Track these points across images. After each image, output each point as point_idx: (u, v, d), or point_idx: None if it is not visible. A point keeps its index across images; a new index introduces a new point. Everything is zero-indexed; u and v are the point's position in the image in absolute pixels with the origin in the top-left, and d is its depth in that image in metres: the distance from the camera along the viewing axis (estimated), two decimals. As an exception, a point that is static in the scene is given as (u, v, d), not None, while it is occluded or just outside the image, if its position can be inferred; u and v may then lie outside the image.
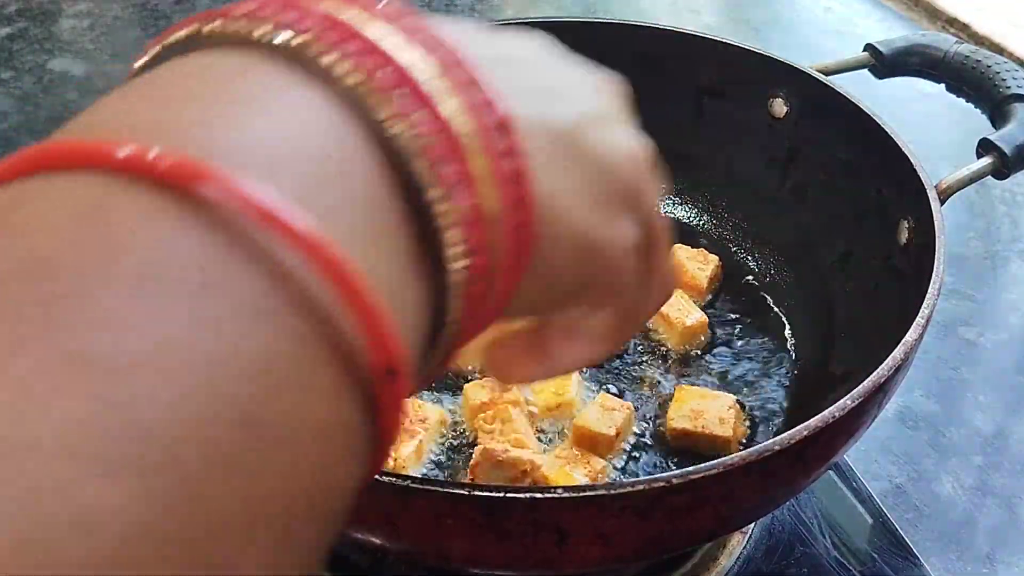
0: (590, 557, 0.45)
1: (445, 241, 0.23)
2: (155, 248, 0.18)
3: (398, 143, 0.22)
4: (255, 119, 0.21)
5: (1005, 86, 0.68)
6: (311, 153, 0.21)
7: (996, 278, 0.90)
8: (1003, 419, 0.76)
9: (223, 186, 0.19)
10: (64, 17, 1.29)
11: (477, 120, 0.24)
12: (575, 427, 0.62)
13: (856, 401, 0.45)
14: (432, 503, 0.42)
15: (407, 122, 0.22)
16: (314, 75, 0.22)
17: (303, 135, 0.21)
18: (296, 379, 0.19)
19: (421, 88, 0.23)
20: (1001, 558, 0.65)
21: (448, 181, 0.23)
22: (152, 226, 0.18)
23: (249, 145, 0.20)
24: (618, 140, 0.32)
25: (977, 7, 1.28)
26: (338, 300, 0.20)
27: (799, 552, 0.63)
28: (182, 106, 0.21)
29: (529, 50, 0.30)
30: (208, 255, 0.18)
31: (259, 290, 0.19)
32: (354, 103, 0.22)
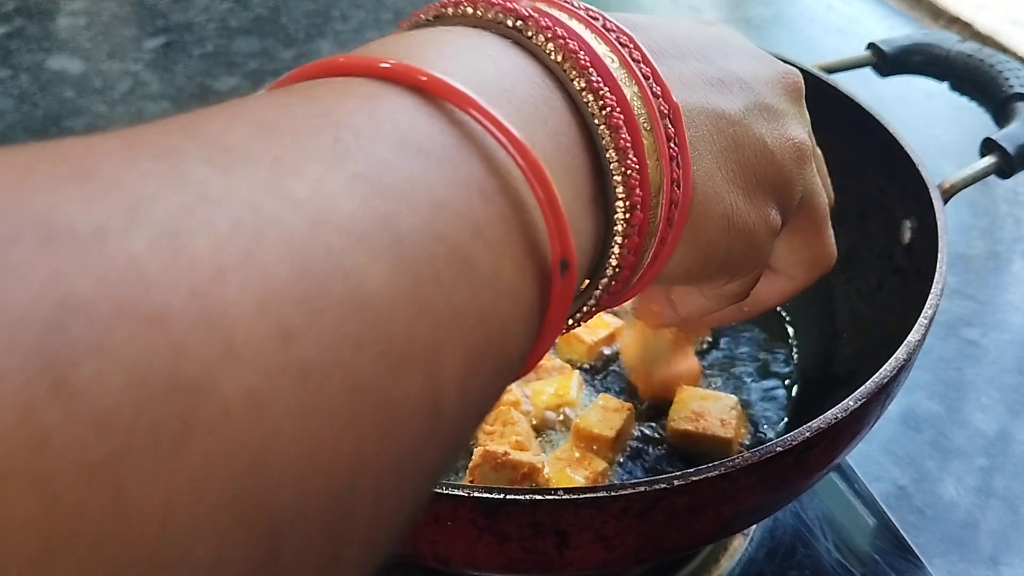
0: (590, 559, 0.45)
1: (615, 192, 0.28)
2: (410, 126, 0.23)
3: (587, 110, 0.27)
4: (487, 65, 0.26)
5: (1008, 85, 0.67)
6: (522, 95, 0.26)
7: (999, 278, 0.89)
8: (1006, 420, 0.75)
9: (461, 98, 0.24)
10: (61, 15, 1.29)
11: (651, 106, 0.29)
12: (575, 428, 0.61)
13: (859, 402, 0.45)
14: (431, 505, 0.42)
15: (597, 94, 0.28)
16: (528, 50, 0.28)
17: (516, 82, 0.27)
18: (499, 243, 0.24)
19: (611, 72, 0.28)
20: (1004, 560, 0.65)
21: (622, 146, 0.28)
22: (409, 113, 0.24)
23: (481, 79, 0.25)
24: (780, 132, 0.35)
25: (980, 5, 1.27)
26: (533, 195, 0.24)
27: (801, 554, 0.62)
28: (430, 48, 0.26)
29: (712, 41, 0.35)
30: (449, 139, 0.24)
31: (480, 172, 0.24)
32: (557, 75, 0.28)
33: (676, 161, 0.30)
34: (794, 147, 0.36)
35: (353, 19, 1.28)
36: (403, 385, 0.20)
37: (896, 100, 1.03)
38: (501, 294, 0.24)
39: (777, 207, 0.36)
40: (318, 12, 1.30)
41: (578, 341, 0.68)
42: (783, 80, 0.37)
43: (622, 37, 0.30)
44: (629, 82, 0.29)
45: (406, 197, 0.22)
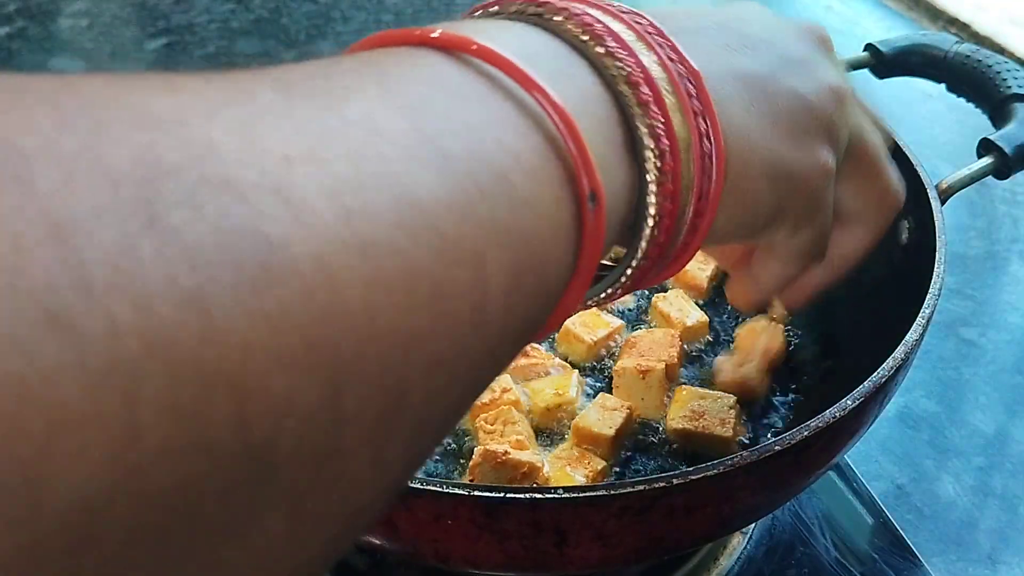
0: (590, 558, 0.45)
1: (643, 142, 0.30)
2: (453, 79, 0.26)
3: (608, 73, 0.29)
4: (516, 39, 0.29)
5: (1006, 86, 0.67)
6: (549, 61, 0.29)
7: (997, 278, 0.90)
8: (1004, 419, 0.76)
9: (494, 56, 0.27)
10: (63, 16, 1.29)
11: (668, 69, 0.31)
12: (575, 427, 0.62)
13: (857, 401, 0.45)
14: (432, 503, 0.42)
15: (615, 57, 0.30)
16: (551, 30, 0.30)
17: (543, 50, 0.29)
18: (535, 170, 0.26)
19: (627, 43, 0.30)
20: (1002, 558, 0.65)
21: (644, 100, 0.30)
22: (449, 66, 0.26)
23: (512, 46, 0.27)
24: (812, 78, 0.37)
25: (978, 6, 1.28)
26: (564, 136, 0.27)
27: (800, 552, 0.63)
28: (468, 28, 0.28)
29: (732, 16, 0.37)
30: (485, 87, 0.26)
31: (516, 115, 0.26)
32: (580, 48, 0.30)
33: (701, 116, 0.31)
34: (830, 90, 0.37)
35: (354, 20, 1.28)
36: (453, 277, 0.22)
37: (894, 101, 1.03)
38: (540, 216, 0.26)
39: (828, 147, 0.37)
40: (319, 13, 1.30)
41: (578, 341, 0.68)
42: (808, 31, 0.39)
43: (637, 18, 0.32)
44: (647, 52, 0.31)
45: (449, 124, 0.24)
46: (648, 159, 0.30)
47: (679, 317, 0.70)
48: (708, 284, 0.74)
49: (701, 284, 0.74)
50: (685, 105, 0.31)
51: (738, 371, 0.65)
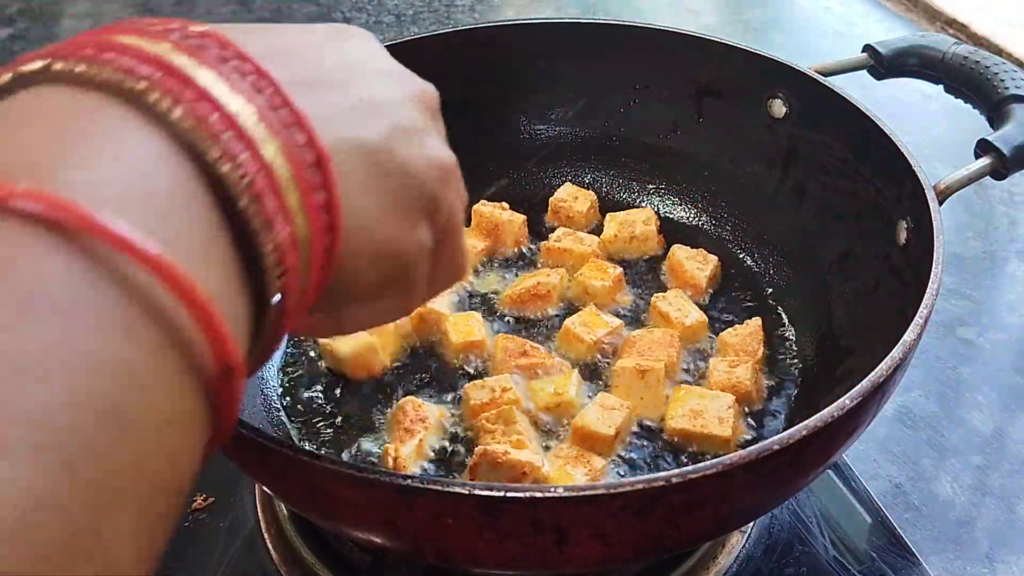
0: (590, 556, 0.45)
1: (266, 264, 0.27)
2: (27, 274, 0.21)
3: (227, 181, 0.26)
4: (106, 160, 0.24)
5: (1004, 87, 0.68)
6: (154, 189, 0.25)
7: (994, 278, 0.90)
8: (1002, 419, 0.76)
9: (82, 219, 0.22)
10: (65, 18, 1.29)
11: (294, 161, 0.28)
12: (575, 427, 0.62)
13: (855, 401, 0.46)
14: (432, 503, 0.42)
15: (234, 163, 0.26)
16: (153, 118, 0.26)
17: (146, 174, 0.25)
18: (150, 379, 0.23)
19: (246, 133, 0.27)
20: (1000, 557, 0.65)
21: (268, 214, 0.27)
22: (23, 254, 0.21)
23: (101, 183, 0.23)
24: (423, 152, 0.36)
25: (976, 7, 1.28)
26: (184, 311, 0.24)
27: (798, 551, 0.63)
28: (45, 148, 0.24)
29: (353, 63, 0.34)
30: (73, 278, 0.22)
31: (118, 305, 0.22)
32: (189, 145, 0.26)
33: (323, 208, 0.30)
34: (438, 167, 0.36)
35: (355, 21, 1.29)
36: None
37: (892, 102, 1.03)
38: (162, 429, 0.23)
39: (427, 227, 0.37)
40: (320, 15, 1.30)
41: (578, 340, 0.69)
42: (419, 98, 0.37)
43: (260, 82, 0.28)
44: (269, 139, 0.27)
45: (37, 368, 0.20)
46: (271, 283, 0.28)
47: (678, 317, 0.70)
48: (707, 284, 0.75)
49: (700, 284, 0.74)
50: (309, 203, 0.29)
51: (731, 373, 0.66)
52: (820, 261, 0.72)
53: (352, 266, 0.33)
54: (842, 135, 0.70)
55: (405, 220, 0.35)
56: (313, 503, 0.48)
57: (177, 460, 0.24)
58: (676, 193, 0.83)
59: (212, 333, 0.24)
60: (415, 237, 0.36)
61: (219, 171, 0.26)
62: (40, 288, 0.21)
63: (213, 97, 0.26)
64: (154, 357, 0.23)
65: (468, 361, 0.69)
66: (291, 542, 0.62)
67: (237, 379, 0.25)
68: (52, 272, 0.22)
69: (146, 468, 0.23)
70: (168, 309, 0.23)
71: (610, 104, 0.83)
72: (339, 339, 0.67)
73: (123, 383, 0.22)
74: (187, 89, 0.26)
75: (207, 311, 0.24)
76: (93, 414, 0.21)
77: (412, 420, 0.62)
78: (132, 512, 0.22)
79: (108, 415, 0.21)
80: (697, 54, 0.78)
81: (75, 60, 0.26)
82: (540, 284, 0.73)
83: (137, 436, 0.22)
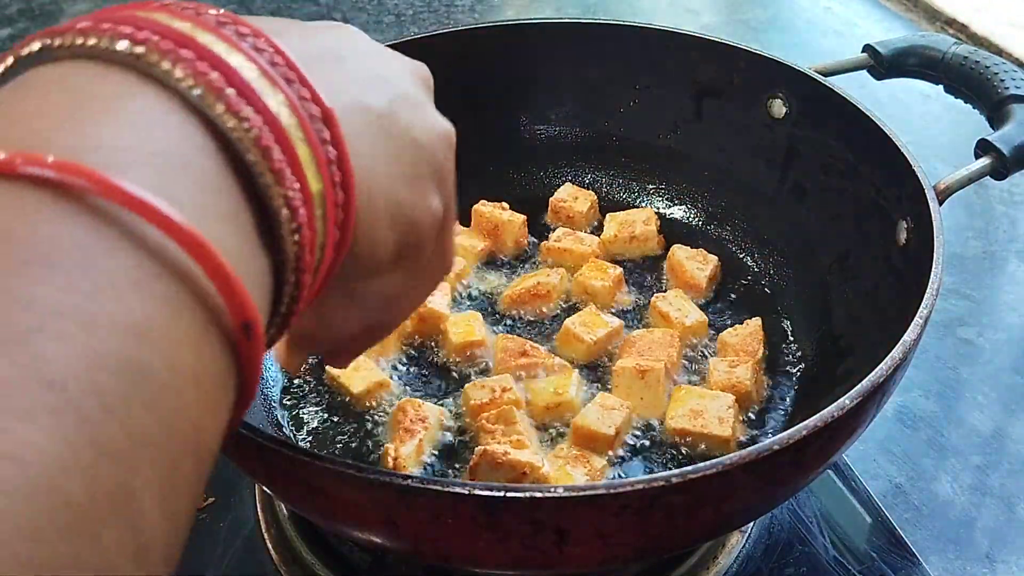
0: (590, 556, 0.46)
1: (279, 219, 0.27)
2: (41, 236, 0.21)
3: (233, 135, 0.26)
4: (112, 123, 0.24)
5: (1004, 87, 0.68)
6: (162, 149, 0.24)
7: (994, 278, 0.90)
8: (1001, 419, 0.76)
9: (91, 181, 0.22)
10: (65, 17, 1.29)
11: (300, 113, 0.28)
12: (575, 427, 0.62)
13: (855, 401, 0.46)
14: (432, 503, 0.42)
15: (239, 116, 0.26)
16: (155, 80, 0.25)
17: (153, 134, 0.24)
18: (169, 337, 0.22)
19: (250, 85, 0.26)
20: (1000, 557, 0.65)
21: (277, 167, 0.26)
22: (36, 218, 0.21)
23: (107, 145, 0.23)
24: (427, 121, 0.36)
25: (976, 8, 1.28)
26: (199, 269, 0.23)
27: (798, 551, 0.63)
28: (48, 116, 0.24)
29: (346, 44, 0.34)
30: (86, 239, 0.22)
31: (132, 264, 0.22)
32: (193, 103, 0.25)
33: (335, 164, 0.29)
34: (442, 135, 0.37)
35: (355, 22, 1.29)
36: (102, 547, 0.20)
37: (892, 102, 1.03)
38: (185, 388, 0.23)
39: (437, 193, 0.37)
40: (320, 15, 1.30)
41: (578, 341, 0.69)
42: (416, 72, 0.38)
43: (259, 42, 0.28)
44: (272, 92, 0.27)
45: (51, 329, 0.20)
46: (285, 237, 0.27)
47: (678, 317, 0.70)
48: (707, 284, 0.75)
49: (700, 284, 0.74)
50: (319, 156, 0.28)
51: (731, 373, 0.66)
52: (820, 261, 0.72)
53: (369, 231, 0.33)
54: (842, 135, 0.70)
55: (416, 185, 0.35)
56: (313, 503, 0.48)
57: (202, 421, 0.24)
58: (676, 193, 0.83)
59: (227, 289, 0.24)
60: (428, 203, 0.36)
61: (225, 126, 0.26)
62: (54, 250, 0.21)
63: (214, 54, 0.26)
64: (172, 315, 0.23)
65: (468, 361, 0.69)
66: (291, 542, 0.62)
67: (257, 337, 0.25)
68: (65, 234, 0.21)
69: (171, 429, 0.22)
70: (183, 267, 0.23)
71: (610, 104, 0.83)
72: (352, 376, 0.66)
73: (142, 342, 0.22)
74: (186, 49, 0.26)
75: (220, 267, 0.24)
76: (113, 373, 0.21)
77: (412, 420, 0.62)
78: (158, 474, 0.22)
79: (128, 374, 0.21)
80: (697, 54, 0.78)
81: (72, 34, 0.26)
82: (540, 284, 0.73)
83: (159, 395, 0.22)
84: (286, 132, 0.27)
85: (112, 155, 0.23)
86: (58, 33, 0.26)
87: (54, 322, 0.20)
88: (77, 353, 0.20)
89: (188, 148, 0.25)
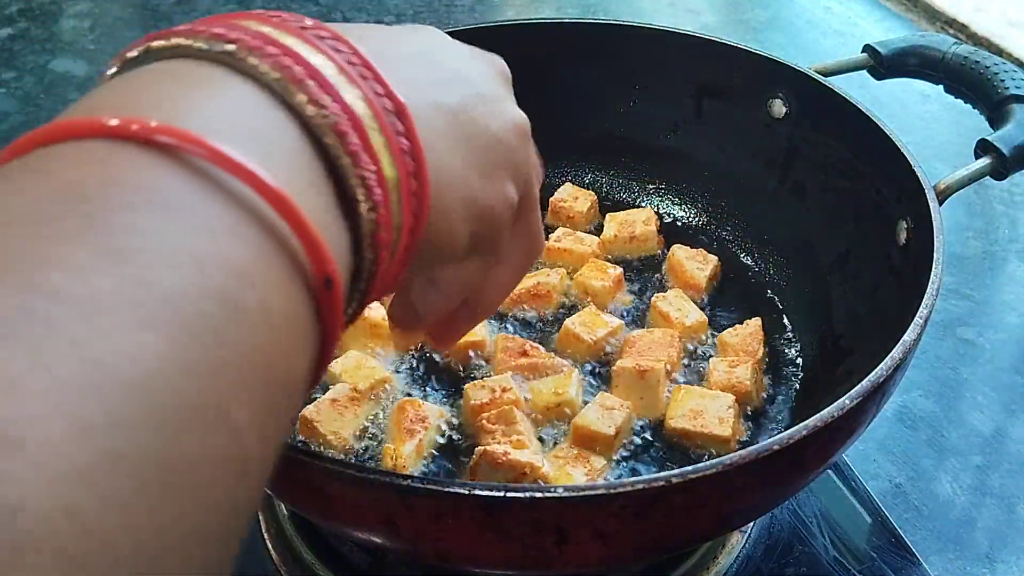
0: (590, 556, 0.46)
1: (356, 196, 0.29)
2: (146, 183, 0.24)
3: (313, 122, 0.29)
4: (207, 102, 0.27)
5: (1004, 87, 0.68)
6: (251, 125, 0.27)
7: (995, 278, 0.90)
8: (1002, 419, 0.76)
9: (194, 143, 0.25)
10: (65, 17, 1.29)
11: (375, 106, 0.31)
12: (575, 427, 0.62)
13: (855, 401, 0.46)
14: (432, 503, 0.42)
15: (318, 105, 0.29)
16: (244, 73, 0.28)
17: (244, 114, 0.28)
18: (261, 280, 0.25)
19: (328, 81, 0.29)
20: (1000, 557, 0.65)
21: (353, 150, 0.29)
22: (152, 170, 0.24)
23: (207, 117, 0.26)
24: (501, 115, 0.38)
25: (976, 8, 1.28)
26: (285, 226, 0.26)
27: (798, 551, 0.63)
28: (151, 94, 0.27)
29: (427, 46, 0.38)
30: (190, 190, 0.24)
31: (228, 214, 0.25)
32: (278, 92, 0.28)
33: (409, 154, 0.32)
34: (516, 127, 0.39)
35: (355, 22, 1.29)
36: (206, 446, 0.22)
37: (892, 102, 1.03)
38: (276, 327, 0.25)
39: (512, 183, 0.39)
40: (320, 15, 1.30)
41: (578, 340, 0.69)
42: (494, 68, 0.41)
43: (338, 44, 0.31)
44: (348, 86, 0.30)
45: (163, 258, 0.23)
46: (362, 214, 0.30)
47: (678, 317, 0.70)
48: (707, 284, 0.75)
49: (700, 284, 0.74)
50: (393, 144, 0.31)
51: (731, 373, 0.66)
52: (820, 261, 0.72)
53: (444, 221, 0.35)
54: (842, 135, 0.70)
55: (491, 177, 0.37)
56: (313, 503, 0.48)
57: (292, 360, 0.26)
58: (676, 193, 0.83)
59: (311, 244, 0.26)
60: (502, 192, 0.38)
61: (306, 114, 0.28)
62: (158, 194, 0.24)
63: (296, 52, 0.29)
64: (264, 261, 0.25)
65: (468, 361, 0.69)
66: (291, 542, 0.62)
67: (337, 290, 0.27)
68: (168, 183, 0.24)
69: (266, 360, 0.24)
70: (271, 222, 0.25)
71: (610, 104, 0.83)
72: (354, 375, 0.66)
73: (241, 281, 0.24)
74: (271, 47, 0.29)
75: (304, 224, 0.26)
76: (216, 303, 0.23)
77: (412, 420, 0.62)
78: (255, 399, 0.24)
79: (229, 306, 0.23)
80: (697, 54, 0.78)
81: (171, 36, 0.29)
82: (540, 284, 0.73)
83: (255, 329, 0.24)
84: (361, 121, 0.30)
85: (208, 124, 0.26)
86: (160, 37, 0.30)
87: (164, 252, 0.23)
88: (187, 281, 0.23)
89: (274, 128, 0.28)
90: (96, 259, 0.22)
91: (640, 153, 0.84)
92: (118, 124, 0.25)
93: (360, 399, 0.64)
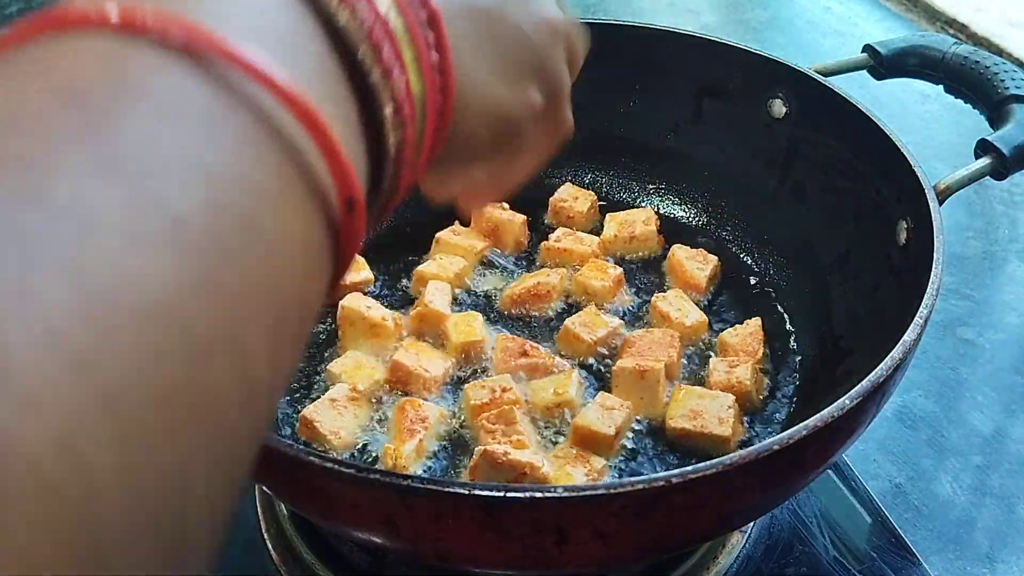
0: (590, 556, 0.46)
1: (384, 115, 0.28)
2: (165, 91, 0.21)
3: (347, 29, 0.26)
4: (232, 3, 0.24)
5: (1004, 87, 0.68)
6: (280, 27, 0.25)
7: (995, 278, 0.90)
8: (1001, 419, 0.76)
9: (213, 44, 0.22)
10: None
11: (408, 16, 0.29)
12: (575, 427, 0.62)
13: (855, 401, 0.46)
14: (432, 503, 0.42)
15: (353, 11, 0.26)
16: None
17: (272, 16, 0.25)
18: (279, 199, 0.23)
19: None
20: (1000, 557, 0.65)
21: (386, 62, 0.27)
22: (163, 72, 0.22)
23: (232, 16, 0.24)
24: (535, 13, 0.37)
25: (976, 8, 1.28)
26: (309, 140, 0.24)
27: (798, 551, 0.63)
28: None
29: None
30: (206, 97, 0.22)
31: (247, 125, 0.22)
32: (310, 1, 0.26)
33: (437, 69, 0.31)
34: (548, 25, 0.38)
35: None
36: (213, 378, 0.20)
37: (892, 102, 1.03)
38: (293, 250, 0.23)
39: (536, 87, 0.39)
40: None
41: (577, 340, 0.69)
42: None
43: None
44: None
45: (176, 173, 0.20)
46: (388, 133, 0.28)
47: (678, 317, 0.70)
48: (707, 284, 0.75)
49: (700, 284, 0.74)
50: (423, 60, 0.29)
51: (731, 373, 0.66)
52: (820, 261, 0.72)
53: (465, 128, 0.35)
54: (842, 135, 0.70)
55: (516, 83, 0.37)
56: (313, 503, 0.48)
57: (306, 283, 0.24)
58: (676, 193, 0.83)
59: (335, 163, 0.24)
60: (526, 98, 0.38)
61: (339, 19, 0.26)
62: (176, 103, 0.21)
63: None
64: (282, 179, 0.23)
65: (468, 361, 0.69)
66: (291, 542, 0.62)
67: (358, 216, 0.26)
68: (186, 90, 0.22)
69: (279, 284, 0.23)
70: (294, 136, 0.23)
71: (610, 104, 0.83)
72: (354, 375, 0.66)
73: (255, 199, 0.22)
74: None
75: (330, 140, 0.24)
76: (230, 222, 0.21)
77: (412, 420, 0.62)
78: (266, 323, 0.22)
79: (243, 226, 0.22)
80: (697, 54, 0.78)
81: None
82: (540, 284, 0.73)
83: (269, 250, 0.22)
84: (394, 33, 0.28)
85: (231, 24, 0.23)
86: None
87: (178, 168, 0.21)
88: (199, 198, 0.21)
89: (303, 33, 0.26)
90: (96, 168, 0.19)
91: (640, 153, 0.84)
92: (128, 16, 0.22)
93: (360, 399, 0.64)
